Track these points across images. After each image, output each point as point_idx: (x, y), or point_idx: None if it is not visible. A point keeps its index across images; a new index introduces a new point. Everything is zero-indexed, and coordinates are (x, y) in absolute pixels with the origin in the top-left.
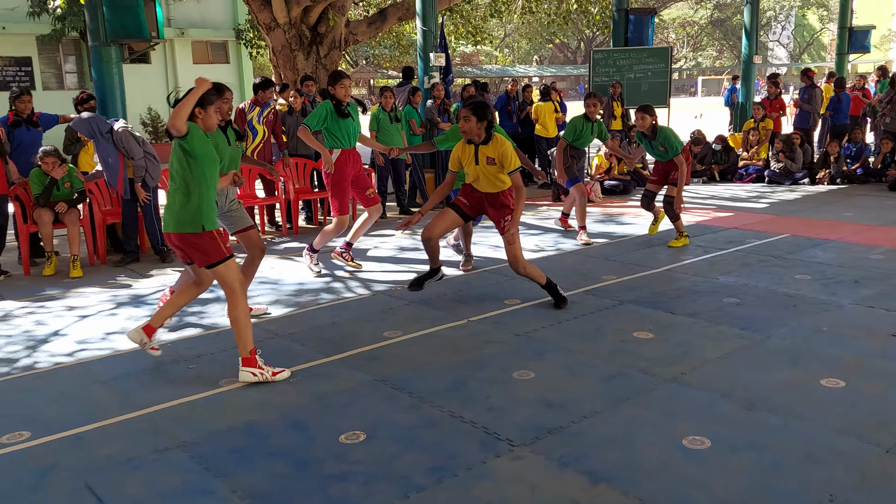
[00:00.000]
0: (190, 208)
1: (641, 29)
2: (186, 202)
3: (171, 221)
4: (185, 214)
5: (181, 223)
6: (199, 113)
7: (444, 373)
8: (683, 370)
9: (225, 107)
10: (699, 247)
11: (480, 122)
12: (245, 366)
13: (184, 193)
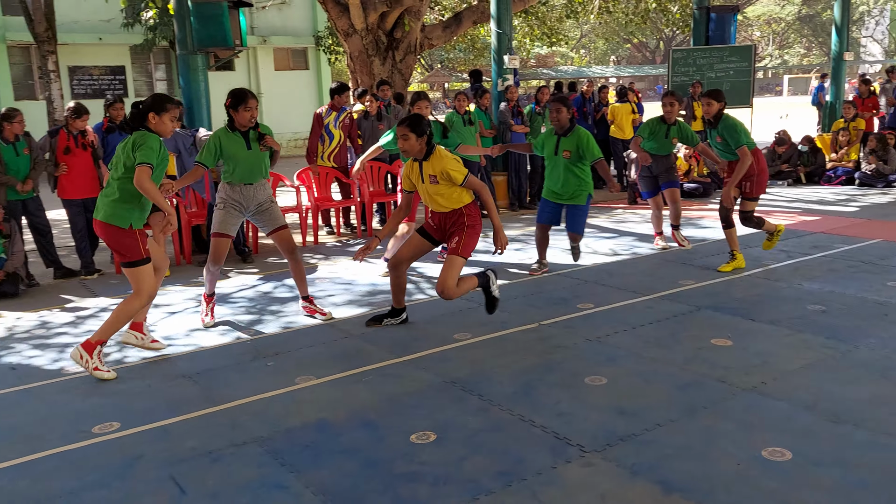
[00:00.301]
0: (123, 204)
1: (723, 27)
2: (122, 196)
3: (101, 209)
4: (117, 208)
5: (109, 215)
6: (153, 118)
7: (514, 376)
8: (763, 380)
9: (247, 114)
10: (783, 251)
11: (419, 138)
12: (83, 346)
13: (122, 189)
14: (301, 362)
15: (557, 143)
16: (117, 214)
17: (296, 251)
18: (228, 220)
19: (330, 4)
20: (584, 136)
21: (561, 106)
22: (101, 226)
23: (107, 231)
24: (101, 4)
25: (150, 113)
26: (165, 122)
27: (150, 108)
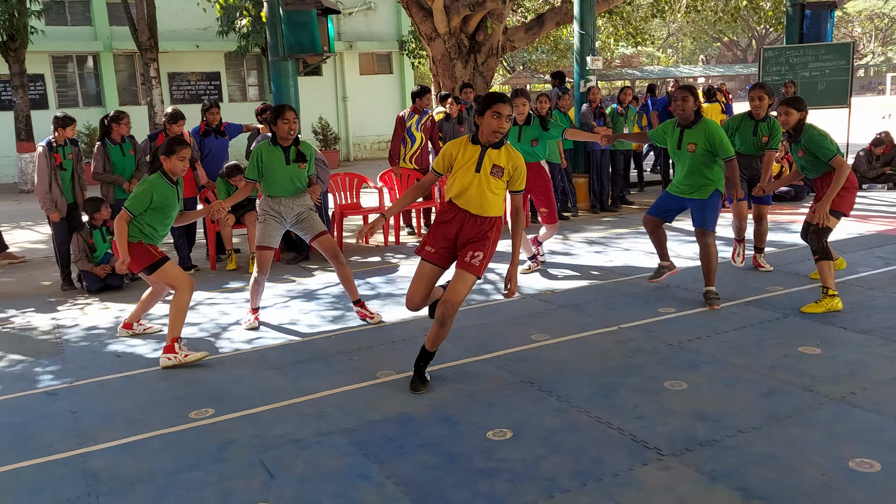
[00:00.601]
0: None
1: (819, 24)
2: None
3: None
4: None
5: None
6: (165, 161)
7: (592, 378)
8: (853, 390)
9: (286, 127)
10: (879, 258)
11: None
12: (164, 351)
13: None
14: (383, 358)
15: (681, 136)
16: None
17: (339, 255)
18: (270, 231)
19: (414, 9)
20: (713, 130)
21: (688, 94)
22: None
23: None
24: (198, 13)
25: (161, 156)
26: (174, 163)
27: (162, 151)
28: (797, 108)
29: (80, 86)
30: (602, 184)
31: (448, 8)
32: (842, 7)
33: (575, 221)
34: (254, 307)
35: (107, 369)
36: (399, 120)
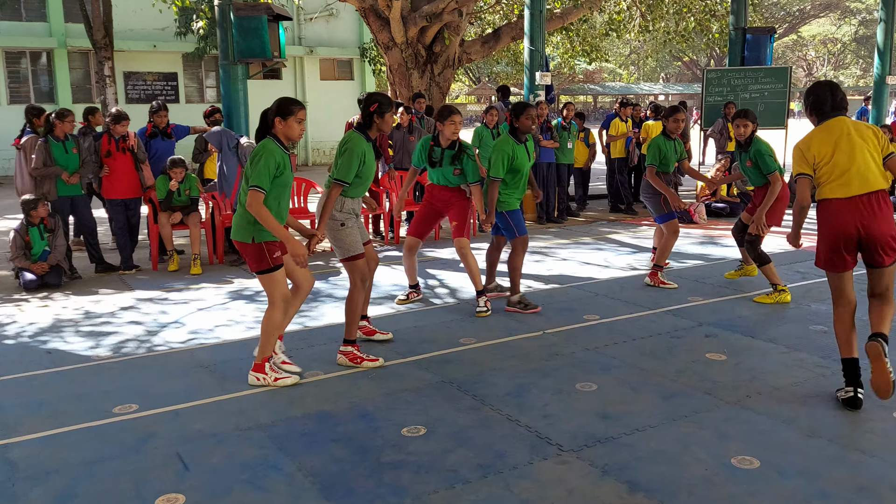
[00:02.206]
0: (245, 217)
1: (759, 48)
2: (243, 211)
3: (232, 227)
4: (241, 221)
5: (234, 231)
6: (279, 123)
7: (510, 379)
8: (749, 394)
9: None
10: (798, 272)
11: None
12: (254, 370)
13: (243, 203)
14: (313, 358)
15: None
16: (240, 229)
17: (378, 262)
18: (357, 236)
19: (371, 18)
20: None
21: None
22: (233, 242)
23: (237, 246)
24: (156, 13)
25: (277, 117)
26: (292, 126)
27: (275, 112)
28: (752, 121)
29: (33, 82)
30: (548, 196)
31: (405, 18)
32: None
33: None
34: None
35: (37, 364)
36: (349, 126)
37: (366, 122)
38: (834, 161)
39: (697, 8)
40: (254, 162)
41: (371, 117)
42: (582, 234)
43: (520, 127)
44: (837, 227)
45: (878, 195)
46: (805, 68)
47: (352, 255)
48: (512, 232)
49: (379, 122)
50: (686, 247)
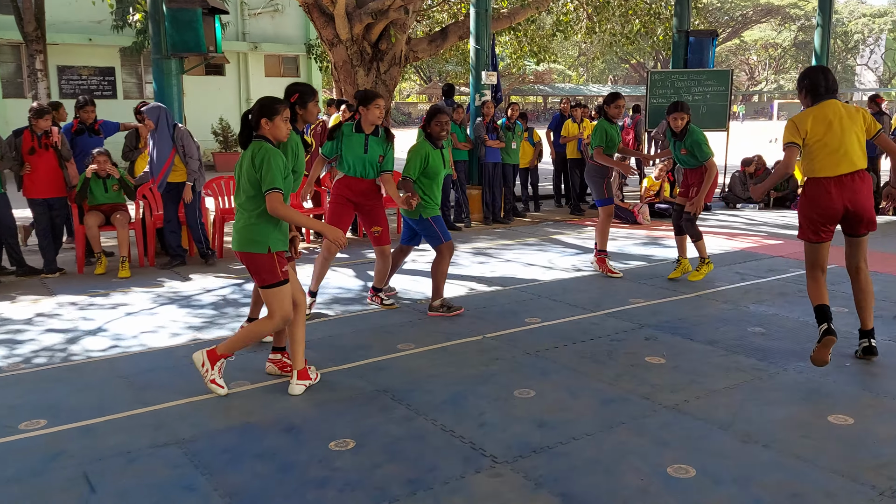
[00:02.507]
0: (255, 227)
1: (702, 51)
2: (252, 220)
3: (234, 238)
4: (250, 233)
5: (243, 243)
6: (266, 124)
7: (446, 387)
8: (686, 398)
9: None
10: (737, 273)
11: None
12: (208, 354)
13: (250, 211)
14: (242, 367)
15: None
16: (250, 241)
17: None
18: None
19: (315, 14)
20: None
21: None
22: (239, 255)
23: (244, 258)
24: (90, 5)
25: (263, 119)
26: (278, 126)
27: (258, 113)
28: (687, 112)
29: None
30: (494, 196)
31: (350, 15)
32: (739, 36)
33: (466, 232)
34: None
35: None
36: None
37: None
38: (824, 141)
39: (642, 10)
40: (261, 167)
41: (293, 108)
42: (527, 235)
43: (431, 133)
44: (827, 203)
45: (861, 173)
46: (748, 72)
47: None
48: (437, 238)
49: (302, 113)
50: (629, 247)
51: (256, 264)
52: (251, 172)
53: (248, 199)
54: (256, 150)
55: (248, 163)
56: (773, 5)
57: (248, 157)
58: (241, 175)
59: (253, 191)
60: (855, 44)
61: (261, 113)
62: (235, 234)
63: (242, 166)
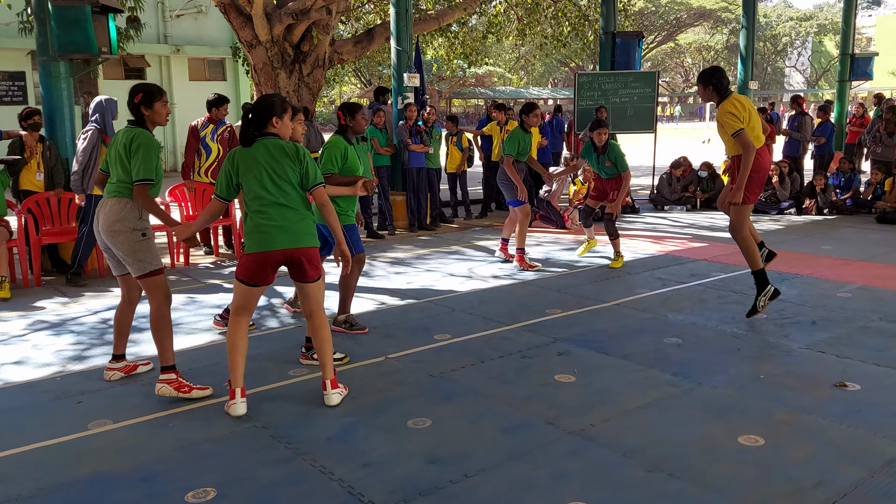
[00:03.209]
0: (311, 221)
1: (628, 52)
2: (305, 215)
3: (298, 236)
4: (309, 228)
5: (310, 237)
6: (277, 123)
7: (336, 419)
8: (593, 421)
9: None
10: (659, 279)
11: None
12: (333, 388)
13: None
14: (107, 403)
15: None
16: (312, 235)
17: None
18: (156, 248)
19: (232, 14)
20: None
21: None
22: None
23: (307, 254)
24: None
25: (274, 118)
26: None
27: (271, 112)
28: (608, 129)
29: None
30: (419, 202)
31: (270, 15)
32: (674, 39)
33: (389, 240)
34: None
35: None
36: (192, 130)
37: (136, 117)
38: (751, 124)
39: (572, 13)
40: (307, 162)
41: (138, 109)
42: (452, 242)
43: (353, 126)
44: (766, 167)
45: (764, 147)
46: (682, 74)
47: (153, 270)
48: (350, 249)
49: (149, 114)
50: (554, 253)
51: (316, 259)
52: (294, 169)
53: (296, 197)
54: (294, 147)
55: (303, 161)
56: (705, 9)
57: (120, 141)
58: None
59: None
60: (783, 46)
61: (275, 111)
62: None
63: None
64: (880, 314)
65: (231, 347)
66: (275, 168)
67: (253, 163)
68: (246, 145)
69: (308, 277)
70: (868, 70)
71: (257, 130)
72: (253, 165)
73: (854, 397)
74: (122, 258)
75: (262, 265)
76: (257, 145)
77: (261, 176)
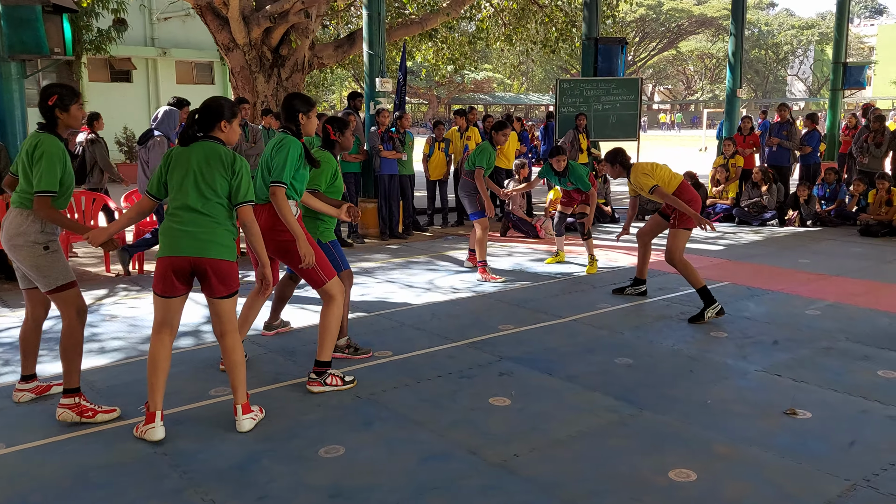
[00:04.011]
0: (229, 232)
1: (611, 58)
2: (224, 226)
3: (207, 245)
4: (224, 239)
5: (220, 248)
6: (304, 118)
7: (242, 446)
8: (519, 451)
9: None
10: (625, 294)
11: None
12: (244, 410)
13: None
14: (6, 425)
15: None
16: (224, 246)
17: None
18: (66, 260)
19: (209, 17)
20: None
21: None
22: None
23: (216, 266)
24: None
25: (300, 113)
26: (75, 116)
27: (298, 108)
28: (565, 155)
29: None
30: (391, 210)
31: (248, 18)
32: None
33: (357, 249)
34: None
35: None
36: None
37: (48, 120)
38: (659, 174)
39: (559, 19)
40: (242, 175)
41: (52, 112)
42: (420, 252)
43: (342, 143)
44: (698, 198)
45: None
46: (684, 82)
47: (62, 285)
48: (337, 266)
49: (64, 118)
50: (524, 264)
51: (227, 273)
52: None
53: (211, 200)
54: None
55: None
56: (706, 17)
57: (24, 147)
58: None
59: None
60: (785, 55)
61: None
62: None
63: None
64: (847, 334)
65: (151, 367)
66: (204, 174)
67: (184, 163)
68: (183, 145)
69: (215, 293)
70: (861, 79)
71: (202, 132)
72: (182, 166)
73: (803, 427)
74: (27, 273)
75: (167, 272)
76: (196, 146)
77: (185, 178)
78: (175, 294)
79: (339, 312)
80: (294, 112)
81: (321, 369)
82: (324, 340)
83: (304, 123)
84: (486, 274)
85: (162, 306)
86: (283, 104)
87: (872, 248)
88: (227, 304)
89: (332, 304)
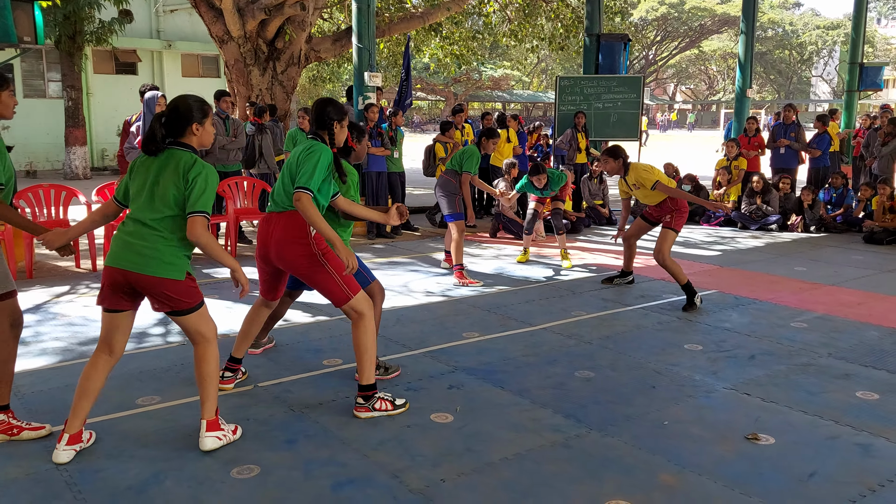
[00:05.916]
0: (174, 250)
1: (613, 55)
2: (169, 242)
3: (145, 261)
4: (166, 256)
5: (159, 266)
6: (338, 126)
7: (149, 463)
8: (445, 476)
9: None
10: (603, 300)
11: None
12: (209, 429)
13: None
14: None
15: None
16: (167, 264)
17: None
18: (6, 267)
19: (203, 9)
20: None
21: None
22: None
23: (157, 285)
24: None
25: (335, 121)
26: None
27: (333, 117)
28: (545, 171)
29: None
30: None
31: (243, 10)
32: (698, 46)
33: None
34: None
35: None
36: (126, 125)
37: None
38: (657, 174)
39: (566, 15)
40: (196, 184)
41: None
42: (404, 252)
43: (358, 151)
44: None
45: None
46: (706, 81)
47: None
48: (362, 279)
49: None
50: (508, 267)
51: (173, 292)
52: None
53: (168, 211)
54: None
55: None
56: (729, 16)
57: None
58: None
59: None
60: (809, 55)
61: (335, 115)
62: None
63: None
64: (830, 349)
65: (78, 388)
66: (159, 183)
67: (144, 173)
68: (150, 155)
69: (163, 310)
70: (878, 80)
71: (172, 137)
72: (142, 175)
73: (762, 454)
74: None
75: (105, 281)
76: (165, 155)
77: (143, 188)
78: (118, 308)
79: (372, 328)
80: (328, 120)
81: (367, 393)
82: (363, 362)
83: (338, 132)
84: (462, 278)
85: (104, 322)
86: (315, 110)
87: (875, 256)
88: (188, 320)
89: (361, 321)
